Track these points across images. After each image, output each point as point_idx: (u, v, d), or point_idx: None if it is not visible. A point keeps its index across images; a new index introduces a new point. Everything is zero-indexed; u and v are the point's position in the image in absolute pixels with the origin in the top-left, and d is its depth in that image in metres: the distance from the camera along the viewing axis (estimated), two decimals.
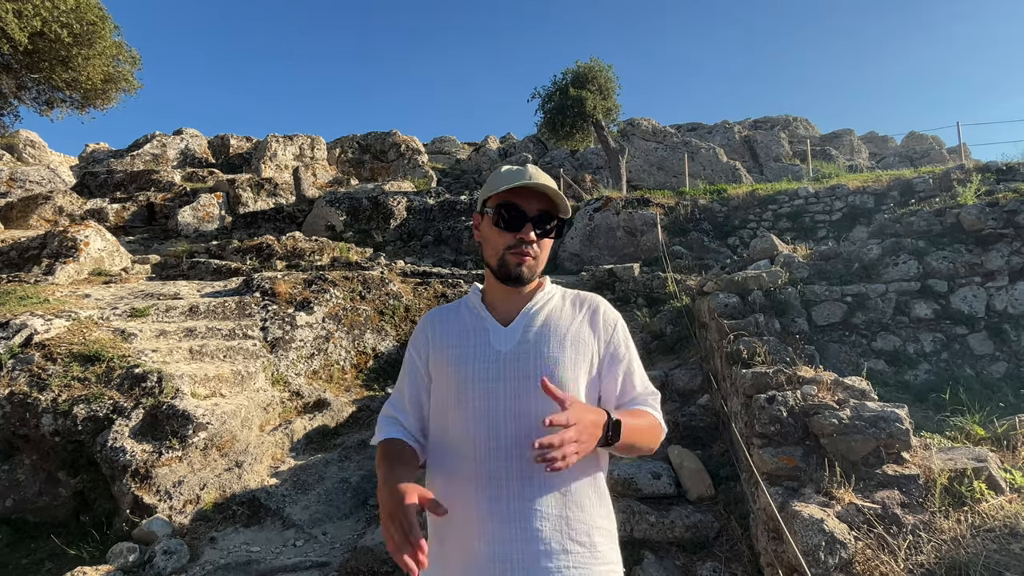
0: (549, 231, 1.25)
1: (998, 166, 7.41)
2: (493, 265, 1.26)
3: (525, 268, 1.23)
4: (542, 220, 1.24)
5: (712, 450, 3.71)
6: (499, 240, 1.24)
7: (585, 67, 14.49)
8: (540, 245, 1.25)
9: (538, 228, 1.23)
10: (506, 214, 1.23)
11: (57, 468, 3.83)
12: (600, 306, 1.32)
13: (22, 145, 17.44)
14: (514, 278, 1.24)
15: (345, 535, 3.63)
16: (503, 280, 1.26)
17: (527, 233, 1.22)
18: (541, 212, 1.23)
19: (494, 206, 1.24)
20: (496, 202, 1.24)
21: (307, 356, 5.40)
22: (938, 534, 2.15)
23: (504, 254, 1.23)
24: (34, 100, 10.93)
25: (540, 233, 1.24)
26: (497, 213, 1.23)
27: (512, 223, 1.22)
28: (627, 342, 1.32)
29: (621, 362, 1.28)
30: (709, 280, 5.19)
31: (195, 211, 12.25)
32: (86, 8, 9.65)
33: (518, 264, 1.23)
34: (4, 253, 7.70)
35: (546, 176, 1.26)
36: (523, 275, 1.24)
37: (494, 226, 1.24)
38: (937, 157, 18.08)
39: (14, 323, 4.46)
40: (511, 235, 1.23)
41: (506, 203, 1.23)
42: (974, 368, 4.44)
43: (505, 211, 1.23)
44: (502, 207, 1.23)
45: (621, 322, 1.34)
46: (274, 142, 17.44)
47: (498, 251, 1.24)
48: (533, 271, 1.25)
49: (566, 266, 9.88)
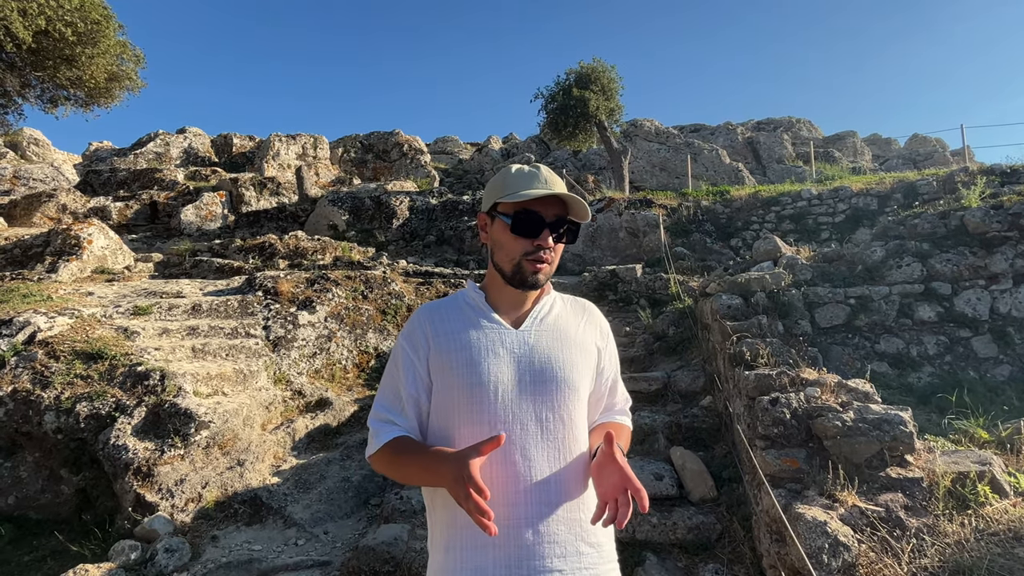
0: (563, 236, 1.24)
1: (1002, 169, 7.38)
2: (507, 271, 1.24)
3: (541, 275, 1.23)
4: (559, 226, 1.23)
5: (715, 452, 3.70)
6: (515, 246, 1.22)
7: (588, 67, 14.47)
8: (555, 250, 1.25)
9: (554, 233, 1.22)
10: (525, 220, 1.21)
11: (59, 466, 3.83)
12: (597, 315, 1.38)
13: (26, 143, 17.50)
14: (530, 284, 1.23)
15: (347, 534, 3.62)
16: (518, 285, 1.24)
17: (545, 240, 1.21)
18: (558, 217, 1.23)
19: (511, 213, 1.22)
20: (514, 209, 1.22)
21: (309, 355, 5.40)
22: (942, 537, 2.15)
23: (521, 261, 1.22)
24: (38, 98, 10.96)
25: (556, 238, 1.23)
26: (516, 220, 1.21)
27: (531, 230, 1.21)
28: (614, 355, 1.40)
29: (611, 371, 1.36)
30: (712, 281, 5.18)
31: (198, 210, 12.27)
32: (90, 7, 9.67)
33: (534, 272, 1.22)
34: (8, 251, 7.72)
35: (558, 179, 1.25)
36: (539, 281, 1.24)
37: (511, 232, 1.22)
38: (941, 160, 18.03)
39: (17, 320, 4.47)
40: (529, 242, 1.21)
41: (524, 210, 1.21)
42: (978, 371, 4.43)
43: (524, 217, 1.21)
44: (521, 213, 1.21)
45: (612, 334, 1.41)
46: (277, 141, 17.47)
47: (514, 257, 1.22)
48: (547, 276, 1.26)
49: (568, 267, 9.87)
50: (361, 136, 20.84)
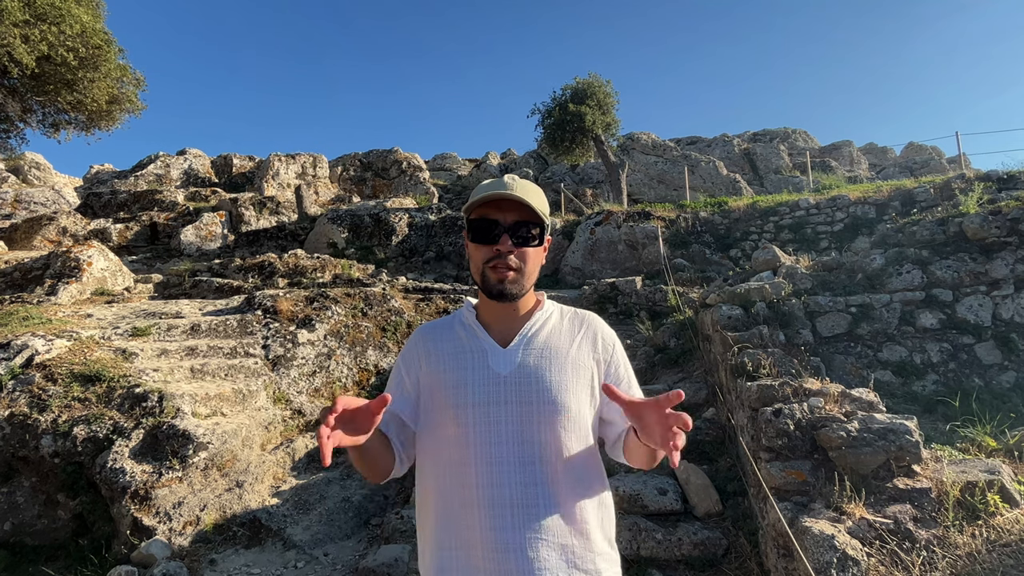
0: (529, 240, 1.19)
1: (999, 175, 7.40)
2: (479, 282, 1.22)
3: (508, 283, 1.17)
4: (519, 229, 1.18)
5: (719, 465, 3.65)
6: (478, 255, 1.20)
7: (584, 83, 14.62)
8: (523, 256, 1.19)
9: (515, 237, 1.17)
10: (480, 227, 1.18)
11: (56, 490, 3.79)
12: (599, 327, 1.30)
13: (27, 167, 17.62)
14: (497, 294, 1.19)
15: (347, 555, 3.57)
16: (491, 296, 1.20)
17: (503, 244, 1.16)
18: (518, 222, 1.18)
19: (469, 220, 1.21)
20: (472, 216, 1.20)
21: (309, 374, 5.37)
22: (952, 549, 2.10)
23: (484, 269, 1.19)
24: (40, 123, 11.05)
25: (518, 242, 1.18)
26: (471, 226, 1.20)
27: (487, 236, 1.17)
28: (625, 363, 1.31)
29: (620, 384, 1.27)
30: (712, 292, 5.16)
31: (198, 230, 12.31)
32: (92, 33, 9.80)
33: (499, 280, 1.17)
34: (8, 274, 7.73)
35: (526, 184, 1.21)
36: (506, 290, 1.18)
37: (471, 241, 1.21)
38: (937, 167, 18.10)
39: (15, 344, 4.45)
40: (488, 248, 1.18)
41: (480, 216, 1.19)
42: (983, 378, 4.39)
43: (479, 224, 1.19)
44: (476, 220, 1.19)
45: (619, 342, 1.32)
46: (277, 161, 17.58)
47: (479, 266, 1.20)
48: (518, 285, 1.19)
49: (568, 280, 9.87)
50: (360, 154, 20.99)
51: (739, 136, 22.27)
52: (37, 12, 8.96)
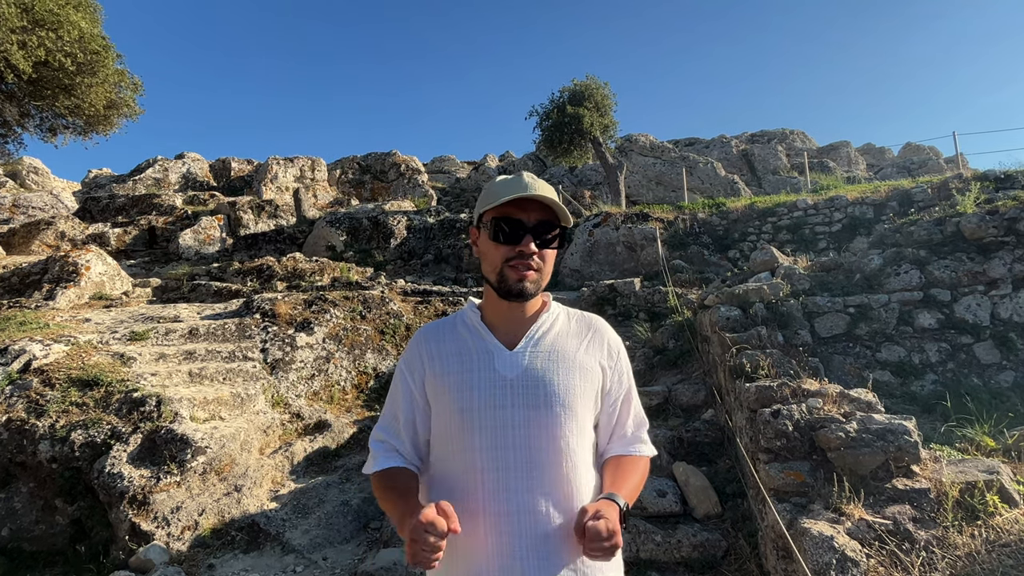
0: (550, 241, 1.18)
1: (996, 175, 7.42)
2: (492, 280, 1.19)
3: (528, 283, 1.16)
4: (542, 230, 1.17)
5: (718, 466, 3.64)
6: (496, 254, 1.17)
7: (582, 85, 14.64)
8: (543, 257, 1.18)
9: (538, 239, 1.16)
10: (504, 227, 1.15)
11: (54, 495, 3.77)
12: (607, 332, 1.29)
13: (25, 172, 17.62)
14: (516, 293, 1.16)
15: (346, 560, 3.55)
16: (504, 295, 1.18)
17: (527, 245, 1.14)
18: (541, 222, 1.16)
19: (491, 219, 1.17)
20: (493, 215, 1.17)
21: (307, 377, 5.36)
22: (952, 550, 2.10)
23: (503, 268, 1.16)
24: (37, 127, 11.05)
25: (540, 244, 1.16)
26: (495, 226, 1.16)
27: (510, 236, 1.15)
28: (628, 371, 1.31)
29: (622, 393, 1.27)
30: (710, 293, 5.16)
31: (196, 234, 12.30)
32: (90, 38, 9.79)
33: (519, 280, 1.15)
34: (5, 279, 7.71)
35: (544, 184, 1.20)
36: (525, 290, 1.16)
37: (491, 240, 1.17)
38: (935, 167, 18.13)
39: (13, 349, 4.44)
40: (509, 248, 1.16)
41: (503, 215, 1.16)
42: (981, 378, 4.39)
43: (503, 224, 1.16)
44: (500, 220, 1.16)
45: (624, 349, 1.32)
46: (275, 164, 17.59)
47: (496, 265, 1.17)
48: (537, 285, 1.18)
49: (567, 282, 9.86)
50: (359, 157, 21.00)
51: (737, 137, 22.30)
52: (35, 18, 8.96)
